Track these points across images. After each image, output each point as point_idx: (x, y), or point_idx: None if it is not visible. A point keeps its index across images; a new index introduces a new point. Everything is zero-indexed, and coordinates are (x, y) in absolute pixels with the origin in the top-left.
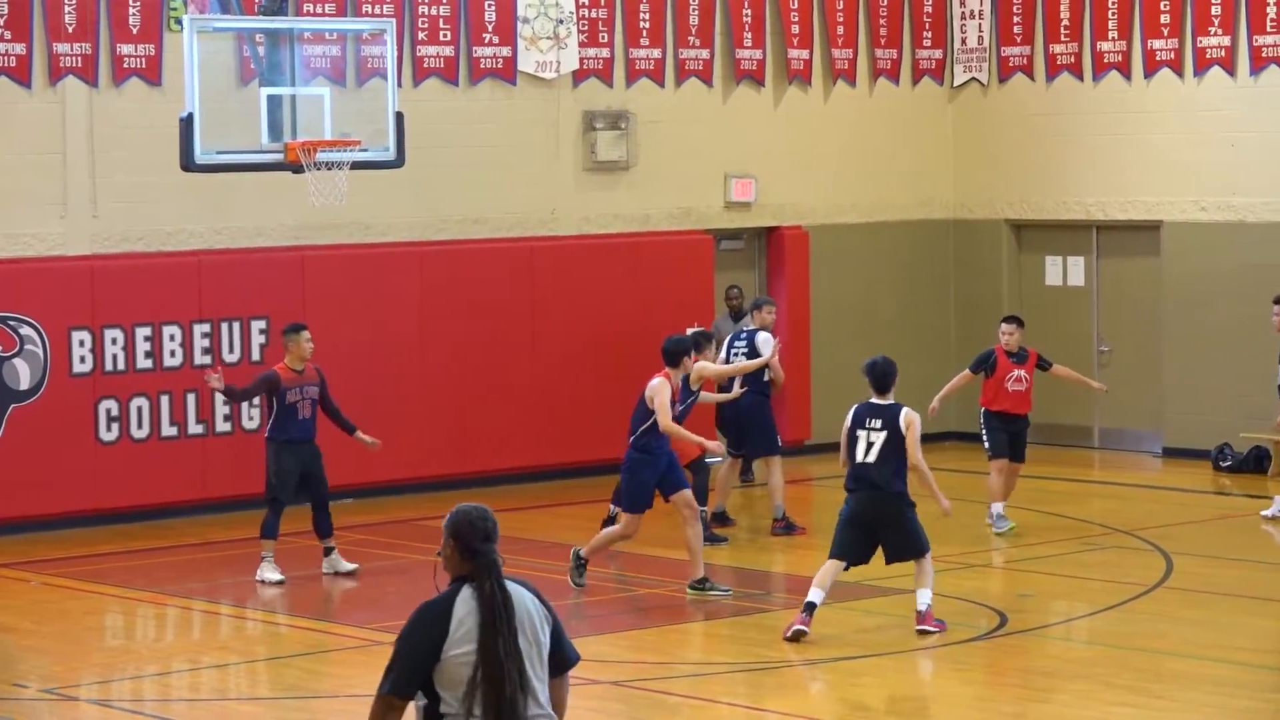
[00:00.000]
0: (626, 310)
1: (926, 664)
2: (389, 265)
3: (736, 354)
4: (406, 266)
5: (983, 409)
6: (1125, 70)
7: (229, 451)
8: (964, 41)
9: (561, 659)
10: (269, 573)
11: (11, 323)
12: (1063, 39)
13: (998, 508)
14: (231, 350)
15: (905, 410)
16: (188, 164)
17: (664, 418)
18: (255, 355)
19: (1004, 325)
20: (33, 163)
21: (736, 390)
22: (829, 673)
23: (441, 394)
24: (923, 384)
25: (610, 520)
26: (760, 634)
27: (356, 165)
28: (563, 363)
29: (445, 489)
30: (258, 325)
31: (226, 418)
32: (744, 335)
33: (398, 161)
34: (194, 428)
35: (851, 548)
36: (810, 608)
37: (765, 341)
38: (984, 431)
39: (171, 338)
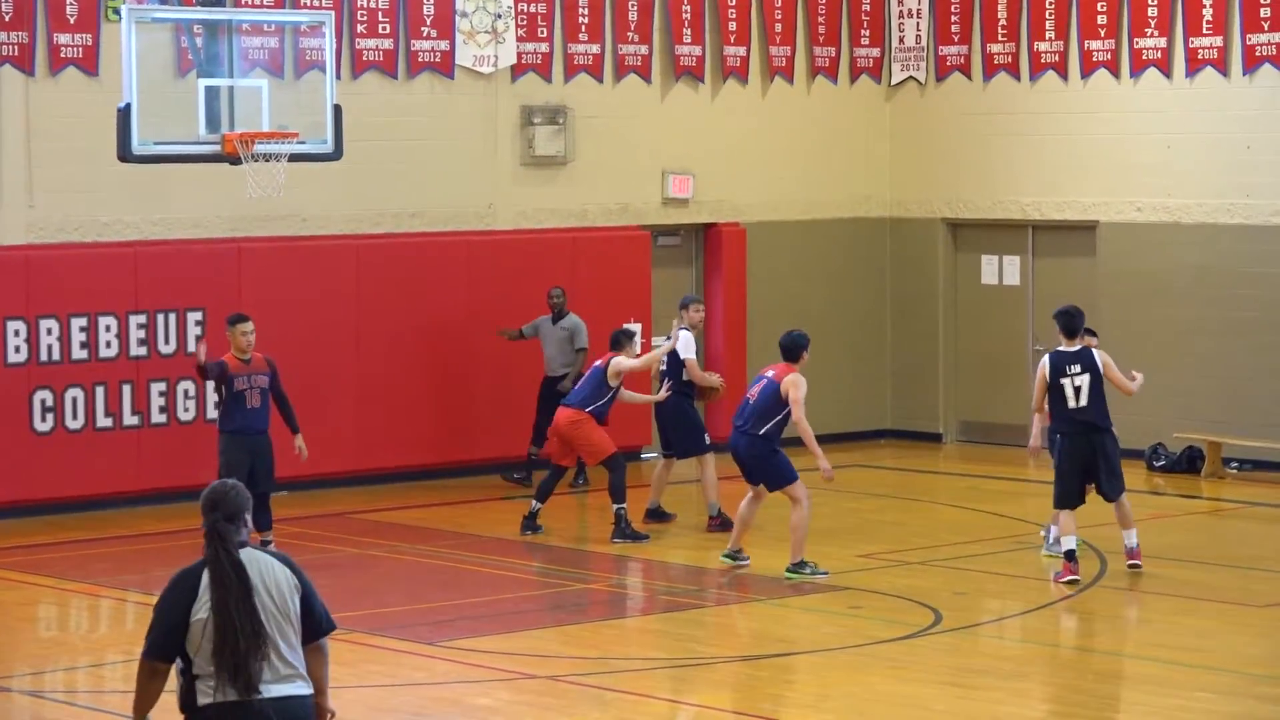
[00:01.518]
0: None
1: (859, 661)
2: (326, 258)
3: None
4: (343, 259)
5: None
6: (1062, 71)
7: (164, 443)
8: (902, 40)
9: (313, 625)
10: None
11: None
12: (1000, 39)
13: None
14: (167, 341)
15: (1097, 351)
16: (125, 154)
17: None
18: (191, 347)
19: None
20: None
21: (662, 394)
22: (762, 669)
23: (377, 387)
24: (857, 380)
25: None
26: (695, 629)
27: (294, 157)
28: (498, 357)
29: (380, 482)
30: (194, 316)
31: (162, 409)
32: (670, 337)
33: (335, 154)
34: (129, 419)
35: (1076, 495)
36: (1072, 554)
37: (686, 342)
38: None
39: (107, 328)
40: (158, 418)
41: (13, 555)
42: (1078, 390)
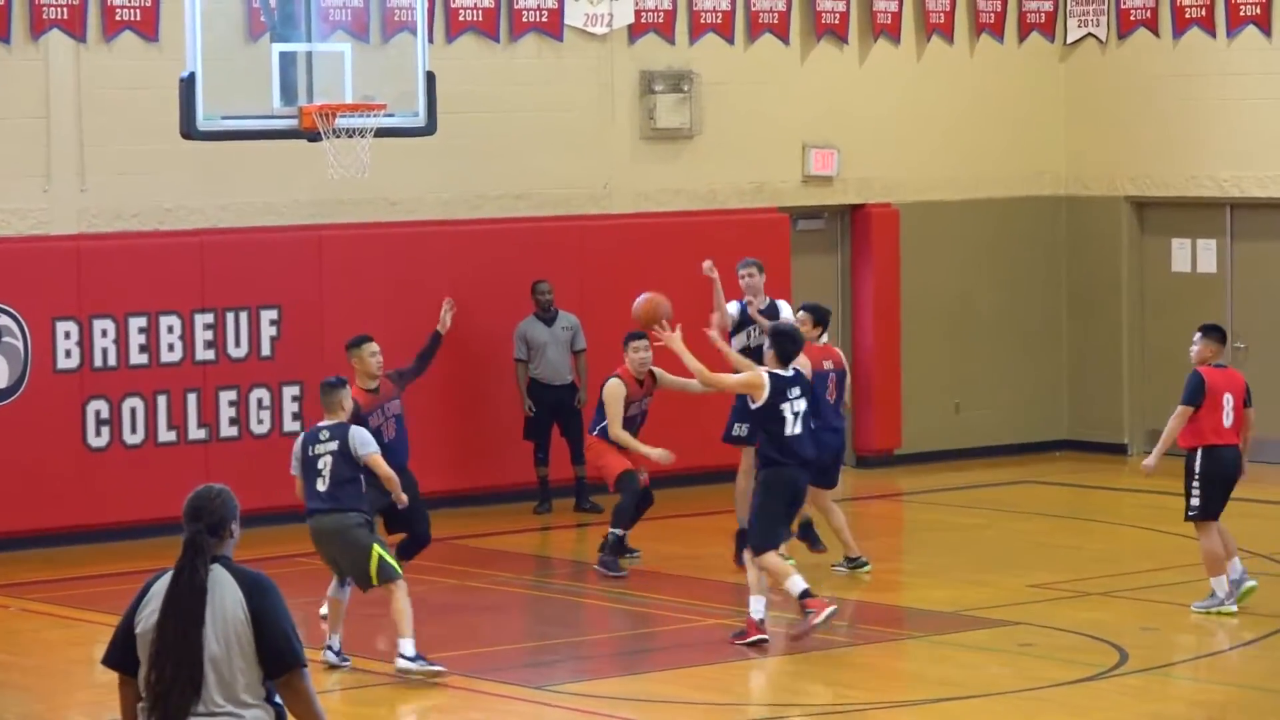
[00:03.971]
0: (690, 299)
1: (1032, 706)
2: (417, 247)
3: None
4: (437, 248)
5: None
6: (1264, 25)
7: (235, 459)
8: None
9: (271, 660)
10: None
11: None
12: None
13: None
14: (238, 344)
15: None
16: (189, 131)
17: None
18: (265, 350)
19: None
20: (12, 129)
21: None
22: (924, 714)
23: (477, 393)
24: (1029, 384)
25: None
26: (841, 671)
27: (381, 133)
28: (616, 358)
29: (481, 503)
30: (268, 315)
31: (233, 421)
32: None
33: (428, 128)
34: (195, 433)
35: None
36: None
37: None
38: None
39: (170, 329)
40: (228, 430)
41: (65, 588)
42: (796, 415)
